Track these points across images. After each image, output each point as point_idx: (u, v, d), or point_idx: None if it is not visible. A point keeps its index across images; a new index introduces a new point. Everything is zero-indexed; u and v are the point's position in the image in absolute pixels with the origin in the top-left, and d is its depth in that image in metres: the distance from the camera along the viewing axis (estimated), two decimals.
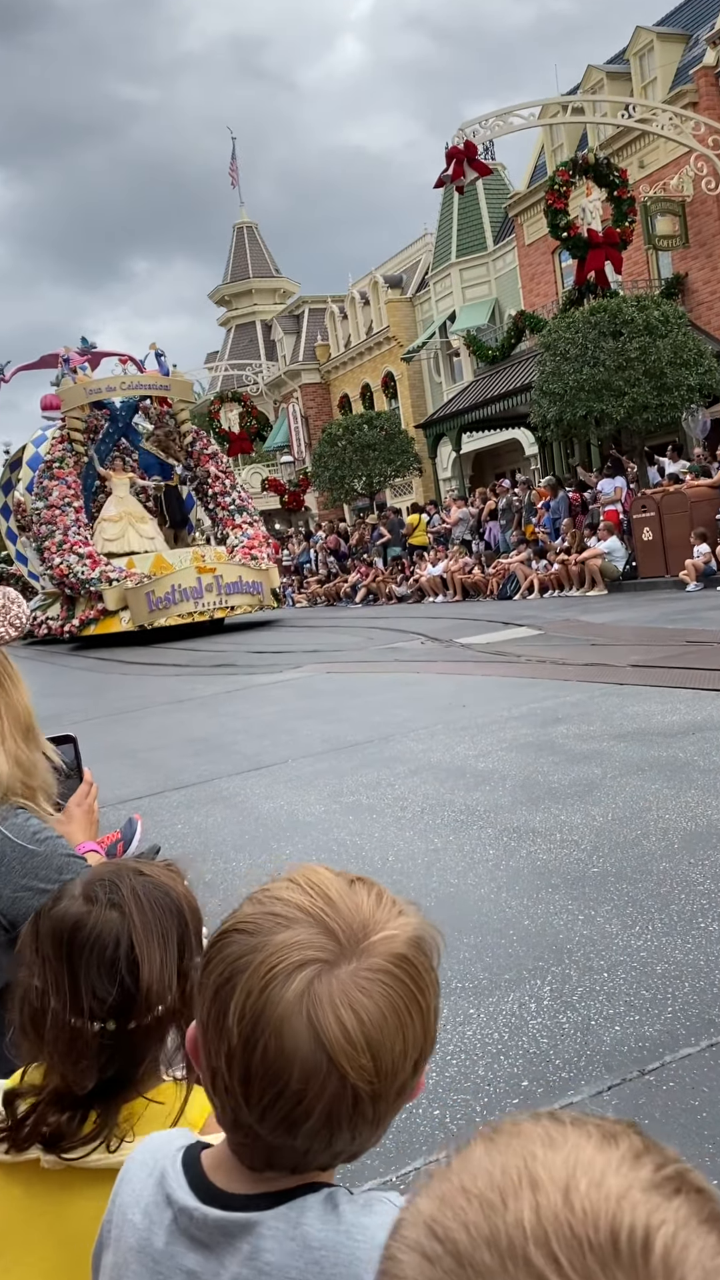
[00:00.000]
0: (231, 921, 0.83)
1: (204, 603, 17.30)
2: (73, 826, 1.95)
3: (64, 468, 18.93)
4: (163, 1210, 0.85)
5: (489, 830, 3.78)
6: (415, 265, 34.91)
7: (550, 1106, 1.97)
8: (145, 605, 16.86)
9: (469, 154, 16.74)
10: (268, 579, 18.67)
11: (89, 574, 17.29)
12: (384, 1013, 0.77)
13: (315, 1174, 0.82)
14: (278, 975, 0.77)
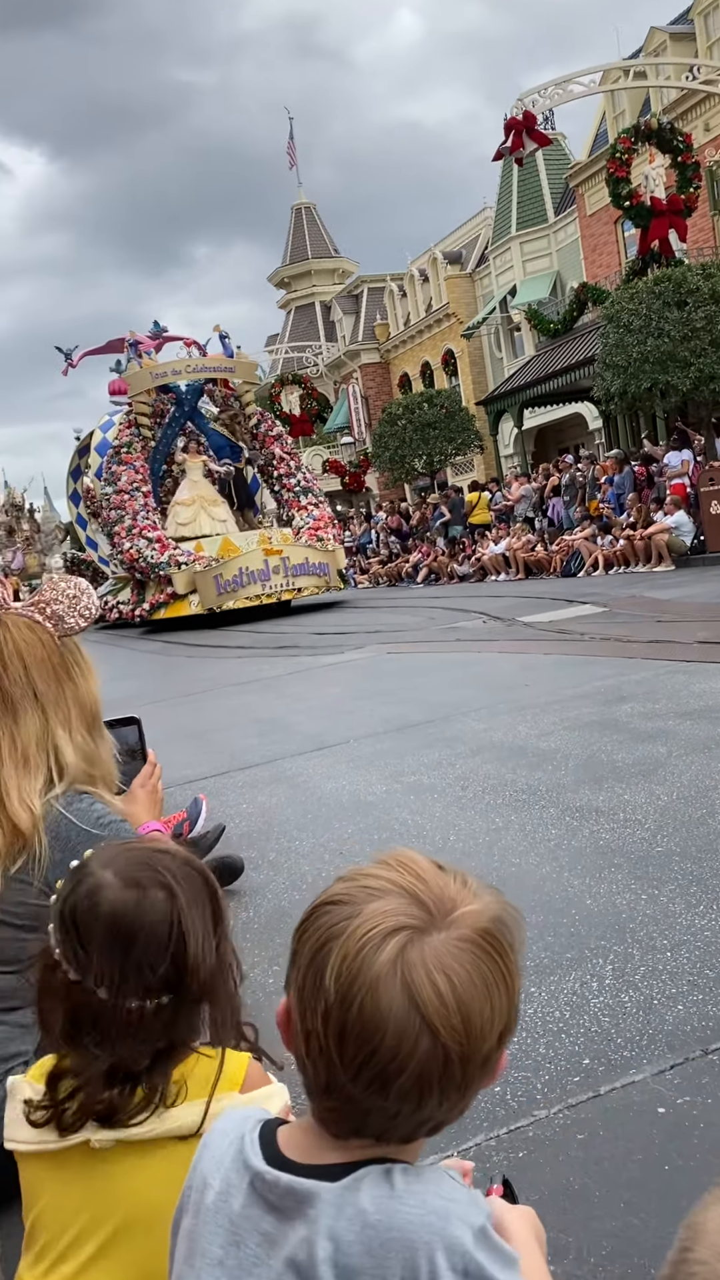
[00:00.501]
0: (324, 896, 0.89)
1: (271, 585, 17.37)
2: (137, 807, 2.00)
3: (131, 452, 19.08)
4: (241, 1175, 0.89)
5: (551, 810, 3.76)
6: (475, 240, 34.47)
7: (610, 1085, 1.98)
8: (214, 588, 16.99)
9: (528, 124, 16.44)
10: (334, 560, 18.67)
11: (158, 558, 17.44)
12: (473, 979, 0.82)
13: (396, 1147, 0.86)
14: (373, 938, 0.82)
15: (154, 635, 16.97)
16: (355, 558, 26.57)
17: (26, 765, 1.65)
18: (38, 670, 1.69)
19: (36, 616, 1.74)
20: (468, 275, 34.15)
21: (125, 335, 21.60)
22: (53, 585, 1.78)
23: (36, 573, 37.39)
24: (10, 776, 1.63)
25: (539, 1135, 1.87)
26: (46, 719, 1.67)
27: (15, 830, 1.61)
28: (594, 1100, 1.96)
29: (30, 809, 1.62)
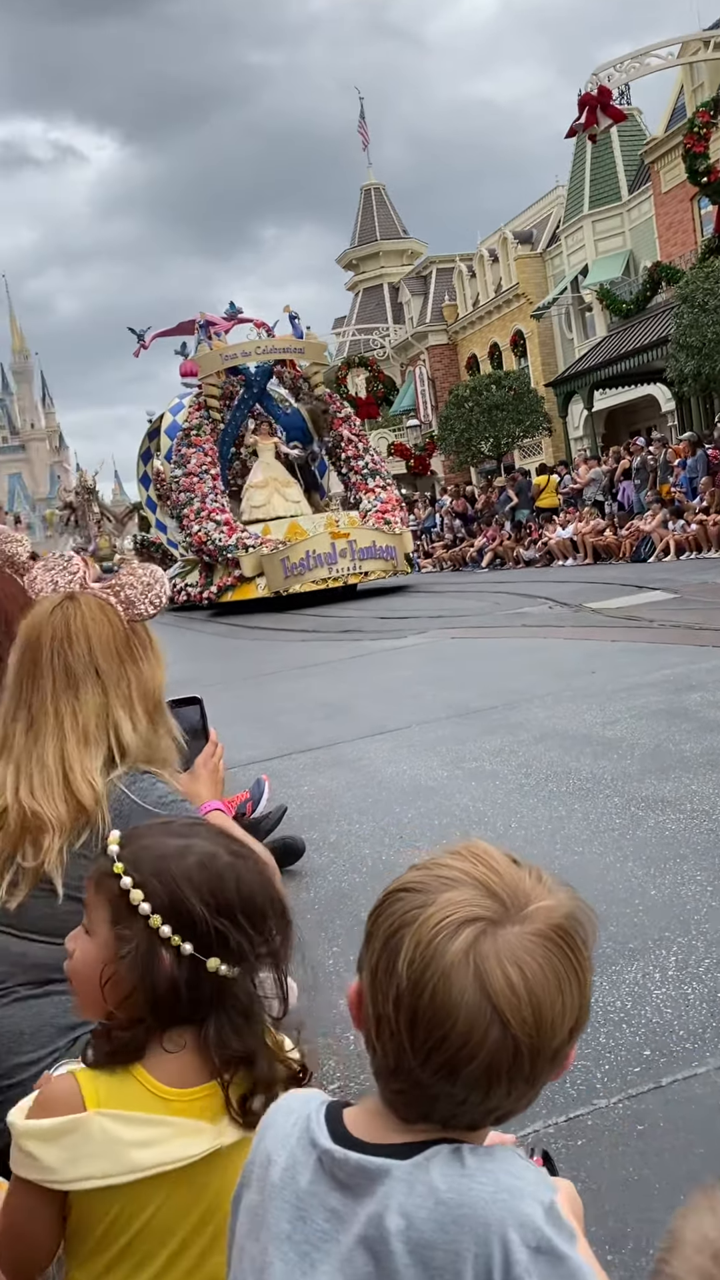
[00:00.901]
0: (398, 883, 0.89)
1: (338, 568, 17.26)
2: (199, 786, 2.02)
3: (201, 435, 19.03)
4: (308, 1152, 0.90)
5: (615, 799, 3.71)
6: (546, 219, 33.91)
7: (671, 1077, 1.95)
8: (281, 571, 16.94)
9: (603, 100, 16.08)
10: (401, 543, 18.48)
11: (226, 541, 17.40)
12: (545, 973, 0.83)
13: (463, 1132, 0.87)
14: (446, 927, 0.82)
15: (220, 618, 17.12)
16: (419, 542, 26.46)
17: (87, 741, 1.67)
18: (102, 649, 1.71)
19: (110, 598, 1.77)
20: (538, 255, 33.61)
21: (196, 317, 21.55)
22: (130, 571, 1.81)
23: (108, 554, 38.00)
24: (73, 751, 1.66)
25: (598, 1124, 1.86)
26: (107, 697, 1.69)
27: (79, 805, 1.63)
28: (655, 1091, 1.94)
29: (92, 784, 1.64)
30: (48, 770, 1.65)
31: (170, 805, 1.71)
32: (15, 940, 1.62)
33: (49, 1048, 1.61)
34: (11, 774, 1.66)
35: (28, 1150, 1.10)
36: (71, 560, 1.82)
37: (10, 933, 1.63)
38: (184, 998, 1.18)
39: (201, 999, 1.18)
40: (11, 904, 1.60)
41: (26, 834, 1.62)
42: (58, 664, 1.70)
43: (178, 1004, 1.18)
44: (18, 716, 1.70)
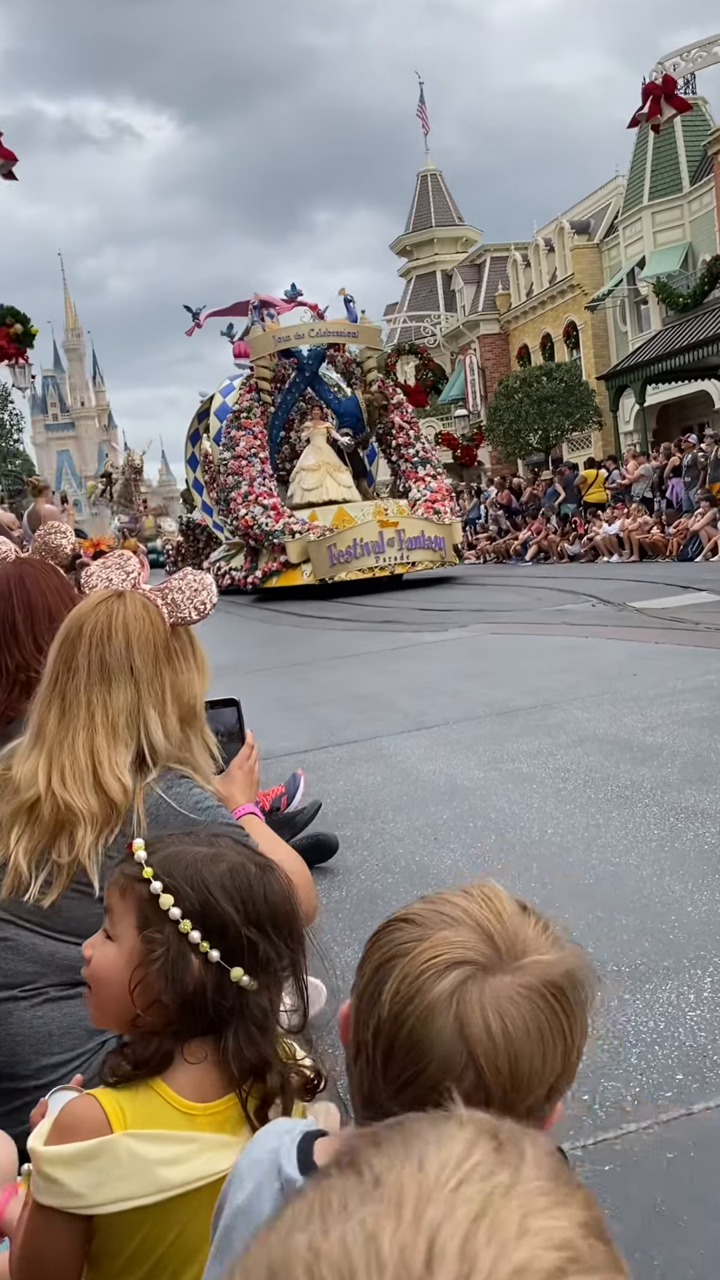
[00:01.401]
0: (401, 912, 0.88)
1: (385, 558, 16.92)
2: (233, 788, 2.02)
3: (251, 417, 18.77)
4: (272, 1180, 0.90)
5: (654, 809, 3.65)
6: (604, 210, 33.43)
7: (704, 1104, 1.90)
8: (327, 559, 16.65)
9: (667, 90, 15.77)
10: (450, 534, 18.13)
11: (272, 526, 17.13)
12: (529, 1027, 0.79)
13: None
14: (436, 965, 0.81)
15: (263, 603, 17.06)
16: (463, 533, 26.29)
17: (115, 736, 1.67)
18: (139, 647, 1.71)
19: (156, 599, 1.77)
20: (595, 245, 33.16)
21: (250, 298, 21.29)
22: (181, 575, 1.81)
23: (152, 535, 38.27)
24: (102, 745, 1.66)
25: (626, 1149, 1.83)
26: (139, 695, 1.69)
27: (109, 801, 1.63)
28: (686, 1119, 1.90)
29: (121, 780, 1.64)
30: (78, 762, 1.66)
31: (207, 810, 1.70)
32: (46, 940, 1.63)
33: (77, 1050, 1.61)
34: (44, 763, 1.67)
35: (53, 1176, 1.10)
36: (129, 560, 1.83)
37: (41, 932, 1.63)
38: (210, 1006, 1.18)
39: (224, 1009, 1.18)
40: (45, 902, 1.61)
41: (62, 828, 1.63)
42: (94, 656, 1.71)
43: (203, 1012, 1.18)
44: (51, 704, 1.71)
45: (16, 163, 13.65)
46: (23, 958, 1.62)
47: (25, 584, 2.43)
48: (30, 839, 1.62)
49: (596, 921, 2.78)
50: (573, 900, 2.94)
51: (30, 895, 1.61)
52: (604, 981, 2.45)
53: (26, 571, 2.46)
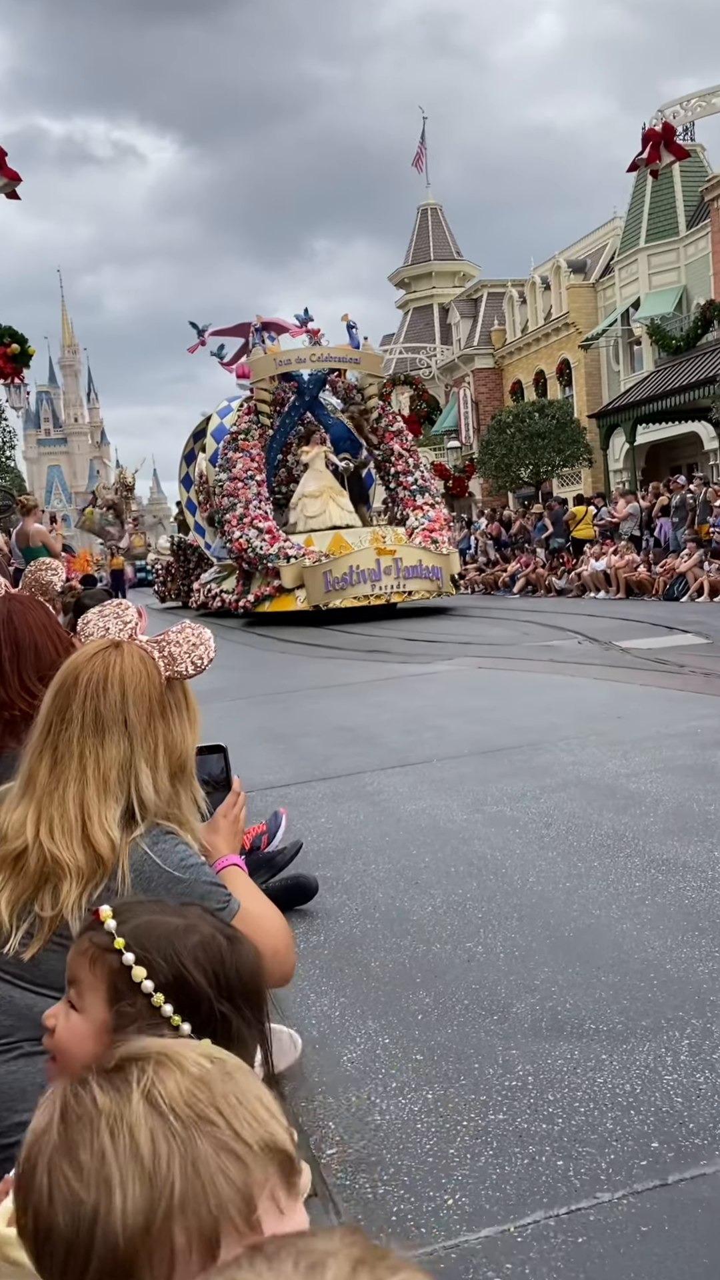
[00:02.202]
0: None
1: (381, 586, 16.58)
2: (218, 838, 2.00)
3: (249, 439, 18.46)
4: None
5: (636, 860, 3.65)
6: (601, 250, 33.88)
7: (679, 1175, 1.89)
8: (322, 585, 16.36)
9: (666, 136, 16.05)
10: (447, 564, 17.79)
11: (267, 549, 16.84)
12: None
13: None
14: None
15: (253, 628, 16.80)
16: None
17: (106, 790, 1.66)
18: (135, 700, 1.70)
19: (153, 652, 1.76)
20: (591, 285, 33.59)
21: (252, 320, 20.97)
22: (179, 629, 1.81)
23: (142, 553, 38.21)
24: (92, 798, 1.65)
25: (600, 1221, 1.81)
26: (132, 749, 1.68)
27: (96, 855, 1.62)
28: (661, 1189, 1.89)
29: (109, 836, 1.63)
30: (68, 814, 1.64)
31: (191, 868, 1.69)
32: (24, 992, 1.61)
33: None
34: (33, 814, 1.65)
35: (15, 1259, 1.07)
36: (127, 609, 1.82)
37: (18, 984, 1.61)
38: None
39: None
40: (26, 955, 1.59)
41: (46, 881, 1.61)
42: (89, 708, 1.69)
43: None
44: (43, 755, 1.70)
45: (20, 183, 13.74)
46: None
47: (13, 621, 2.42)
48: (14, 889, 1.60)
49: (575, 977, 2.77)
50: (552, 953, 2.93)
51: (10, 947, 1.59)
52: (582, 1040, 2.44)
53: (15, 608, 2.45)
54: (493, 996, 2.70)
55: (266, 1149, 0.75)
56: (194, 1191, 0.71)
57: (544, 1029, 2.51)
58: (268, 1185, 0.74)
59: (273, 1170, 0.75)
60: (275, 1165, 0.75)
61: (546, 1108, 2.18)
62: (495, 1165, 1.99)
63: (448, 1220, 1.85)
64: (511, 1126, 2.12)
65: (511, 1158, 2.02)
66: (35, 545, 10.95)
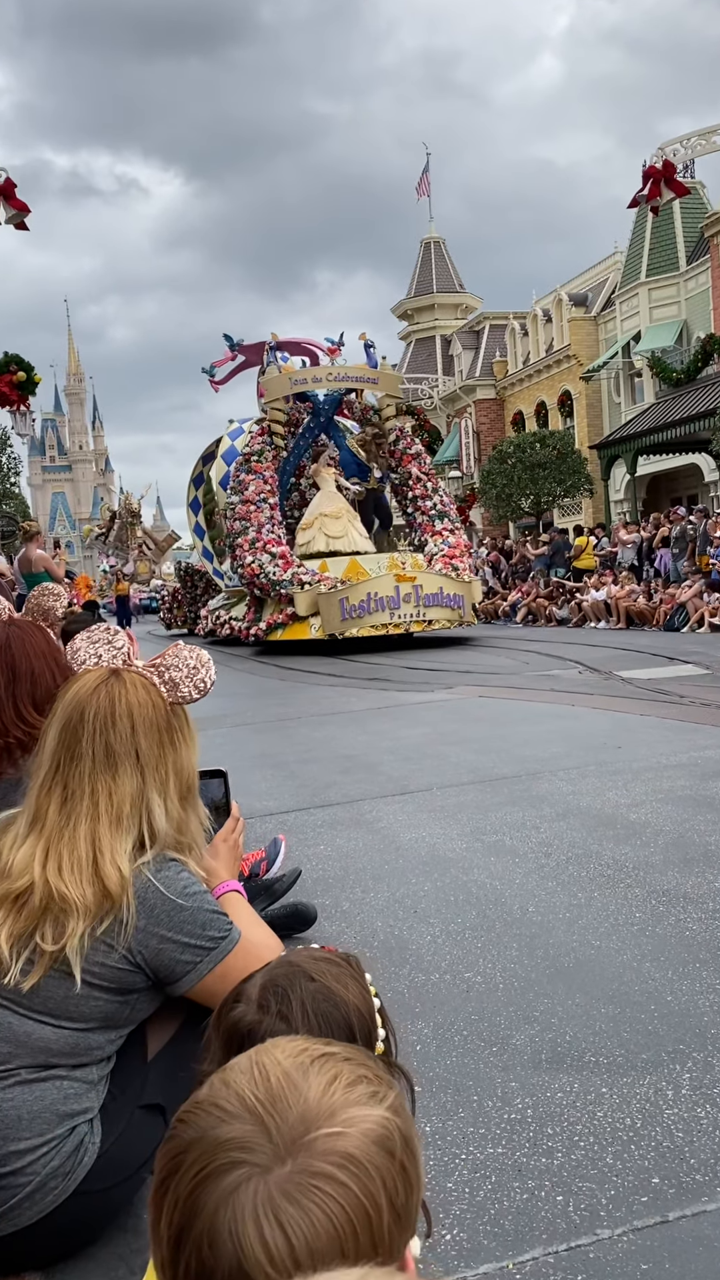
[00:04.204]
0: (183, 1108, 0.75)
1: (400, 614, 15.75)
2: (217, 863, 2.00)
3: (262, 461, 17.75)
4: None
5: (636, 890, 3.63)
6: (602, 284, 34.26)
7: (680, 1212, 1.87)
8: (338, 613, 15.52)
9: (667, 174, 16.27)
10: (469, 592, 17.00)
11: (280, 575, 16.06)
12: (316, 1227, 0.66)
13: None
14: (205, 1180, 0.68)
15: (262, 657, 16.20)
16: None
17: (119, 824, 1.65)
18: (144, 731, 1.69)
19: (154, 679, 1.75)
20: (592, 318, 33.92)
21: (268, 339, 20.08)
22: (175, 653, 1.79)
23: (147, 579, 38.29)
24: (104, 834, 1.64)
25: (600, 1258, 1.79)
26: (144, 781, 1.67)
27: (105, 891, 1.61)
28: (662, 1226, 1.86)
29: (120, 869, 1.62)
30: (78, 852, 1.62)
31: (193, 896, 1.68)
32: (22, 1020, 1.60)
33: (47, 1135, 1.58)
34: (41, 851, 1.64)
35: None
36: (117, 635, 1.82)
37: (17, 1011, 1.60)
38: None
39: None
40: (25, 985, 1.58)
41: (49, 915, 1.60)
42: (99, 743, 1.67)
43: None
44: (52, 791, 1.68)
45: (29, 214, 13.91)
46: None
47: (11, 647, 2.42)
48: (14, 924, 1.59)
49: (575, 1008, 2.75)
50: (552, 984, 2.91)
51: (11, 976, 1.58)
52: (583, 1072, 2.42)
53: (14, 634, 2.45)
54: (492, 1027, 2.68)
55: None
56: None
57: (544, 1061, 2.48)
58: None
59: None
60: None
61: (546, 1141, 2.15)
62: (494, 1200, 1.97)
63: (445, 1256, 1.82)
64: (510, 1160, 2.10)
65: (510, 1192, 1.99)
66: (38, 571, 10.98)
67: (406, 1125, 0.72)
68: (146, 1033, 1.75)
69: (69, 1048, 1.60)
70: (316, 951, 1.27)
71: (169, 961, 1.65)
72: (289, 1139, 0.68)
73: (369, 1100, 0.71)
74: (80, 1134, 1.59)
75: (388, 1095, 0.73)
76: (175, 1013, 1.77)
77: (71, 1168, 1.58)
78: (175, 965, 1.66)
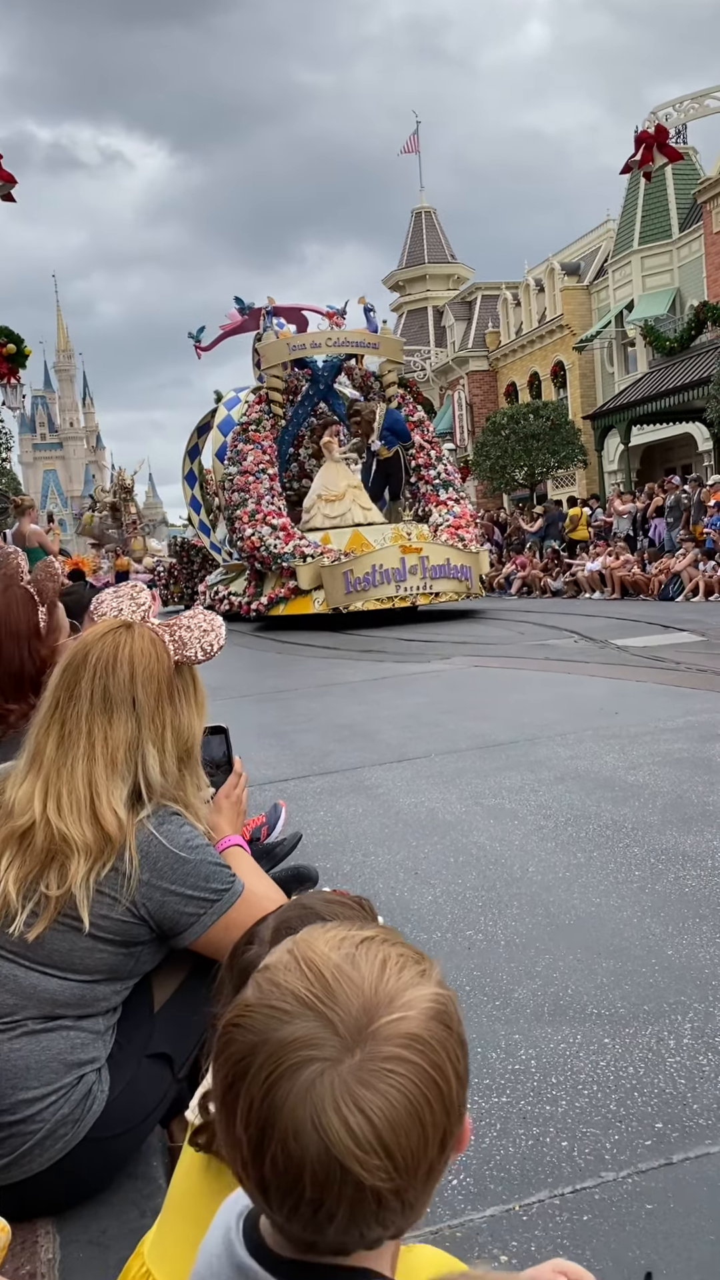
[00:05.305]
0: (234, 1012, 0.78)
1: (406, 587, 15.21)
2: (220, 818, 2.00)
3: (260, 430, 17.08)
4: (224, 1264, 0.85)
5: (635, 850, 3.65)
6: (595, 252, 33.97)
7: (683, 1154, 1.89)
8: (342, 586, 14.93)
9: (659, 139, 16.10)
10: (477, 564, 16.38)
11: (282, 548, 15.46)
12: (394, 1105, 0.72)
13: (361, 1255, 0.80)
14: (278, 1080, 0.73)
15: (264, 632, 15.79)
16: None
17: (114, 769, 1.65)
18: (143, 681, 1.69)
19: (164, 636, 1.75)
20: (584, 287, 33.66)
21: (264, 304, 19.17)
22: (191, 614, 1.80)
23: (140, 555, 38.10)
24: (100, 777, 1.64)
25: (605, 1199, 1.81)
26: (139, 730, 1.67)
27: (104, 834, 1.61)
28: (665, 1168, 1.88)
29: (118, 815, 1.62)
30: (76, 791, 1.63)
31: (196, 849, 1.68)
32: (28, 972, 1.60)
33: (54, 1084, 1.58)
34: (40, 788, 1.64)
35: None
36: (141, 592, 1.82)
37: (22, 963, 1.60)
38: None
39: None
40: (30, 935, 1.58)
41: (54, 859, 1.60)
42: (97, 685, 1.68)
43: None
44: (50, 730, 1.68)
45: (15, 185, 13.73)
46: (1, 989, 1.60)
47: None
48: (21, 867, 1.60)
49: (576, 963, 2.76)
50: (553, 941, 2.93)
51: (15, 927, 1.58)
52: (585, 1025, 2.44)
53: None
54: (494, 982, 2.69)
55: None
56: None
57: (546, 1014, 2.50)
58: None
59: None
60: None
61: (550, 1090, 2.17)
62: (499, 1146, 1.99)
63: (452, 1200, 1.84)
64: (515, 1109, 2.12)
65: (515, 1139, 2.01)
66: (31, 546, 10.94)
67: (454, 997, 0.78)
68: (153, 984, 1.75)
69: (75, 999, 1.61)
70: (329, 894, 1.28)
71: (173, 914, 1.66)
72: (354, 1030, 0.73)
73: (420, 980, 0.77)
74: (88, 1082, 1.60)
75: (432, 971, 0.79)
76: (181, 964, 1.77)
77: (80, 1115, 1.59)
78: (179, 918, 1.66)
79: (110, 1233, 1.62)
